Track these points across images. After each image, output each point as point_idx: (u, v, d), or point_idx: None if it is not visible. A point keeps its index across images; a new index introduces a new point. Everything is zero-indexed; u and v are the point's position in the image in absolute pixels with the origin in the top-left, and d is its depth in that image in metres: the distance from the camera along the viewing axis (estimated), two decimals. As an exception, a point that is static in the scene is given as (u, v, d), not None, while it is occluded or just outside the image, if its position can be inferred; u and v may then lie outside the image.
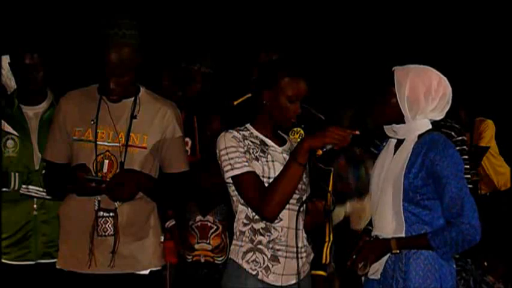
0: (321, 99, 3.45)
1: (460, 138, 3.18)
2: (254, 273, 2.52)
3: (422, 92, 2.52)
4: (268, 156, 2.57)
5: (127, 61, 2.56)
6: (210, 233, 3.43)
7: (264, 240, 2.53)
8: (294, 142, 2.71)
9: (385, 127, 2.64)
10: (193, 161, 3.07)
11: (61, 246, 2.71)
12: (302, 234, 2.61)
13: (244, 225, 2.55)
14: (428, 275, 2.46)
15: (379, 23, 6.39)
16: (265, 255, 2.53)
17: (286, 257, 2.54)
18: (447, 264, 2.50)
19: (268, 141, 2.62)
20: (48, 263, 3.05)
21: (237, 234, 2.58)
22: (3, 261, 3.09)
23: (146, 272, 2.67)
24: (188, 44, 4.26)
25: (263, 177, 2.53)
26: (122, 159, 2.62)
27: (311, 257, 2.70)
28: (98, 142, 2.63)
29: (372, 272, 2.56)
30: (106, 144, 2.63)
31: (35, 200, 3.13)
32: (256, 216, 2.53)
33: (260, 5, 6.20)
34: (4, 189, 3.07)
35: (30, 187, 3.11)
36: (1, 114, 3.12)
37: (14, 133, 3.16)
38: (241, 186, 2.51)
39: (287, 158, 2.56)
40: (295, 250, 2.54)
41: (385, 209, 2.55)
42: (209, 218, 3.44)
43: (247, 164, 2.50)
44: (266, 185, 2.51)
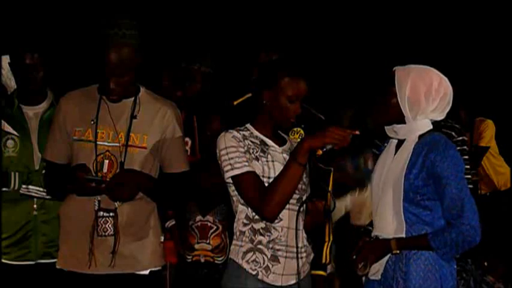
0: (321, 99, 3.45)
1: (461, 139, 3.18)
2: (254, 273, 2.51)
3: (423, 92, 2.51)
4: (268, 156, 2.57)
5: (127, 61, 2.56)
6: (210, 233, 3.43)
7: (264, 240, 2.53)
8: (294, 142, 2.71)
9: (386, 127, 2.64)
10: (193, 161, 3.07)
11: (61, 246, 2.71)
12: (302, 234, 2.60)
13: (244, 225, 2.55)
14: (429, 276, 2.46)
15: (379, 23, 6.39)
16: (265, 255, 2.52)
17: (286, 257, 2.54)
18: (447, 264, 2.49)
19: (268, 141, 2.61)
20: (49, 263, 3.05)
21: (237, 234, 2.57)
22: (3, 261, 3.08)
23: (146, 272, 2.67)
24: (188, 44, 4.26)
25: (263, 177, 2.52)
26: (122, 159, 2.62)
27: (311, 257, 2.70)
28: (98, 142, 2.62)
29: (372, 272, 2.56)
30: (106, 144, 2.63)
31: (35, 200, 3.13)
32: (256, 216, 2.53)
33: (260, 5, 6.20)
34: (4, 189, 3.07)
35: (30, 187, 3.11)
36: (1, 114, 3.11)
37: (14, 133, 3.16)
38: (241, 186, 2.51)
39: (287, 158, 2.56)
40: (295, 250, 2.53)
41: (385, 210, 2.54)
42: (209, 218, 3.44)
43: (247, 164, 2.50)
44: (266, 185, 2.51)
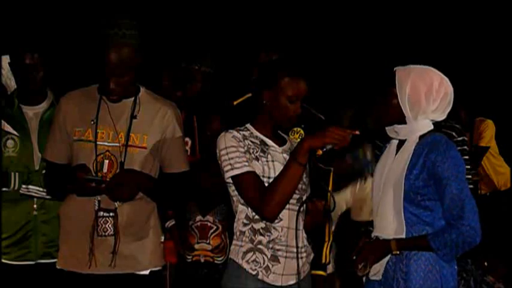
0: (321, 99, 3.45)
1: (461, 139, 3.18)
2: (254, 273, 2.51)
3: (423, 92, 2.51)
4: (268, 156, 2.57)
5: (127, 61, 2.56)
6: (210, 233, 3.43)
7: (264, 240, 2.53)
8: (294, 142, 2.71)
9: (387, 128, 2.63)
10: (193, 161, 3.07)
11: (61, 246, 2.71)
12: (302, 234, 2.60)
13: (244, 225, 2.55)
14: (429, 276, 2.46)
15: (379, 23, 6.39)
16: (265, 255, 2.52)
17: (286, 257, 2.54)
18: (448, 265, 2.49)
19: (269, 141, 2.61)
20: (49, 263, 3.05)
21: (237, 234, 2.58)
22: (3, 261, 3.08)
23: (147, 272, 2.67)
24: (188, 44, 4.26)
25: (263, 177, 2.52)
26: (122, 159, 2.61)
27: (311, 257, 2.70)
28: (98, 142, 2.62)
29: (373, 273, 2.56)
30: (106, 144, 2.63)
31: (35, 200, 3.13)
32: (256, 216, 2.53)
33: (260, 5, 6.20)
34: (4, 189, 3.07)
35: (30, 187, 3.11)
36: (1, 114, 3.11)
37: (14, 133, 3.16)
38: (241, 186, 2.51)
39: (287, 158, 2.56)
40: (295, 250, 2.53)
41: (386, 210, 2.54)
42: (209, 218, 3.44)
43: (247, 164, 2.49)
44: (266, 185, 2.51)
